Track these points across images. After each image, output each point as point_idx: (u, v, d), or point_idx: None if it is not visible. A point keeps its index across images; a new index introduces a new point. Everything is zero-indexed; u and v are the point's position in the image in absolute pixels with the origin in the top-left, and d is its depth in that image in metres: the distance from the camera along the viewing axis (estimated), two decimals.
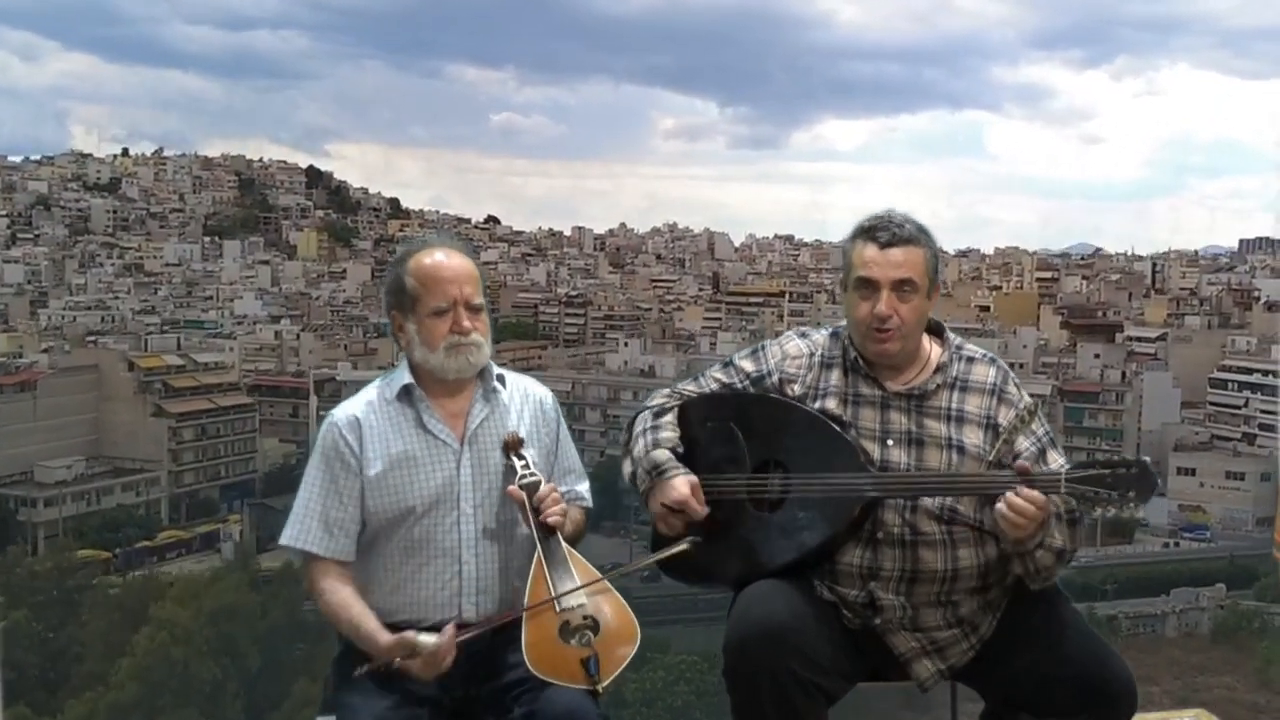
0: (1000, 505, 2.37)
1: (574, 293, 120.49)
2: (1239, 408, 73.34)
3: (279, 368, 78.32)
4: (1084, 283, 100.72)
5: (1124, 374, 73.96)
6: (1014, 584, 2.55)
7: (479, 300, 2.61)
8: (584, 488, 2.80)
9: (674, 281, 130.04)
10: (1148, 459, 2.43)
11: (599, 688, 2.38)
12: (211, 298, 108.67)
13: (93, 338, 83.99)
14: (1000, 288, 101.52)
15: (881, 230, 2.53)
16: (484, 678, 2.52)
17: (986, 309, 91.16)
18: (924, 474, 2.50)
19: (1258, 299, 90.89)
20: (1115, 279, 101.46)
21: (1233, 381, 74.39)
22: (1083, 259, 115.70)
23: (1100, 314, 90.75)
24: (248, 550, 48.54)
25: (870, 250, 2.52)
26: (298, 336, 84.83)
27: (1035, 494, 2.36)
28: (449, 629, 2.38)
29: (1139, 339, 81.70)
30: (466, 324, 2.57)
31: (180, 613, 29.63)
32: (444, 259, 2.61)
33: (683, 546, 2.60)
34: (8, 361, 64.79)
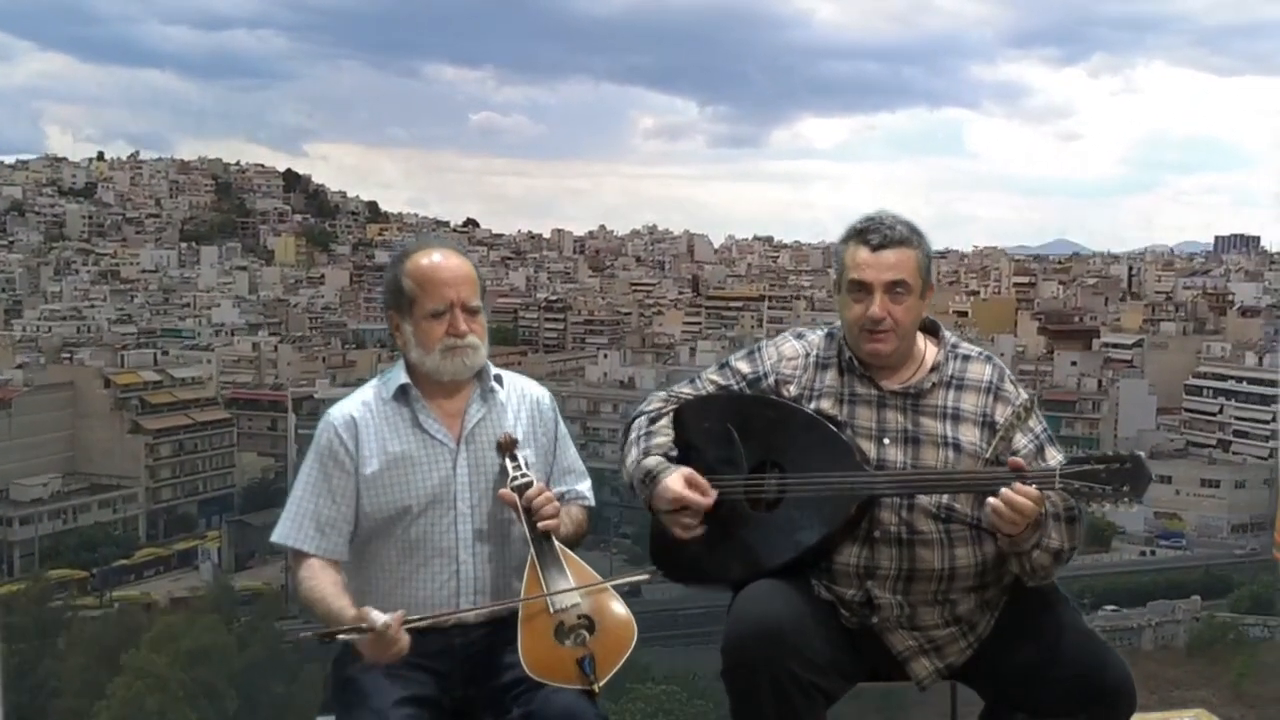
0: (994, 501, 2.35)
1: (554, 297, 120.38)
2: (1214, 414, 73.95)
3: (257, 380, 77.95)
4: (1061, 288, 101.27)
5: (1100, 382, 74.43)
6: (1012, 583, 2.54)
7: (476, 302, 2.61)
8: (585, 486, 2.79)
9: (654, 285, 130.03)
10: (1141, 453, 2.40)
11: (595, 687, 2.37)
12: (189, 305, 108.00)
13: (69, 351, 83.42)
14: (978, 293, 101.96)
15: (873, 232, 2.52)
16: (483, 678, 2.52)
17: (964, 314, 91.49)
18: (920, 472, 2.49)
19: (1232, 303, 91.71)
20: (1092, 283, 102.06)
21: (1208, 388, 75.02)
22: (1059, 262, 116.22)
23: (1077, 319, 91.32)
24: (225, 579, 48.17)
25: (863, 253, 2.52)
26: (275, 349, 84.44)
27: (1030, 490, 2.35)
28: (397, 613, 2.34)
29: (1115, 345, 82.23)
30: (463, 327, 2.57)
31: (155, 659, 29.19)
32: (441, 260, 2.60)
33: (642, 577, 2.63)
34: None
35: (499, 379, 2.69)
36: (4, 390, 61.98)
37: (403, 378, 2.62)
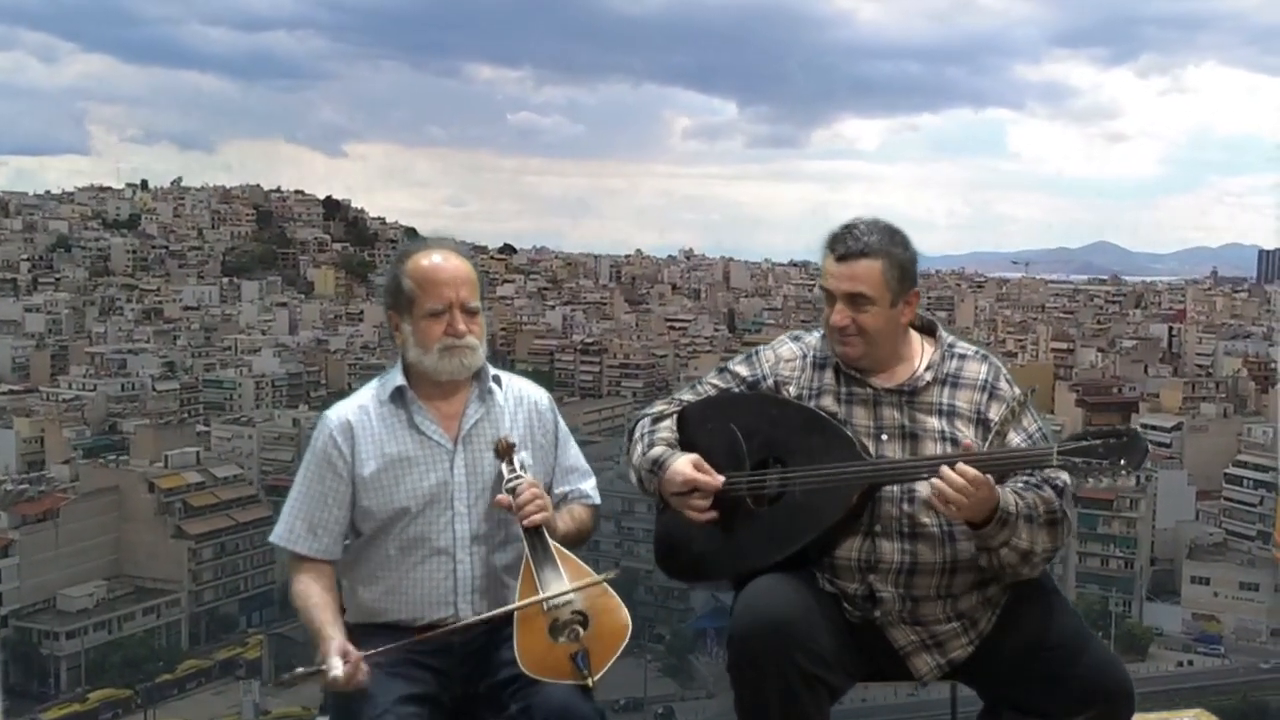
0: (935, 482, 2.39)
1: (589, 339, 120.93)
2: (1254, 505, 73.23)
3: (296, 461, 78.90)
4: (1099, 355, 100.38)
5: (1138, 479, 73.74)
6: (1014, 581, 2.56)
7: (475, 303, 2.64)
8: (589, 485, 2.81)
9: (689, 322, 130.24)
10: (1137, 428, 2.45)
11: (590, 682, 2.41)
12: (230, 349, 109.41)
13: (113, 418, 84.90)
14: (1015, 355, 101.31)
15: (840, 242, 2.57)
16: (482, 675, 2.56)
17: None
18: (919, 459, 2.50)
19: (1276, 374, 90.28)
20: (1131, 346, 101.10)
21: (1248, 479, 74.22)
22: (1099, 318, 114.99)
23: (1115, 389, 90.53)
24: None
25: (829, 261, 2.58)
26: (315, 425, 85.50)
27: (967, 470, 2.37)
28: (354, 658, 2.40)
29: (1154, 428, 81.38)
30: (461, 327, 2.60)
31: None
32: (441, 261, 2.64)
33: (607, 575, 2.59)
34: (30, 487, 65.53)
35: (497, 380, 2.73)
36: (51, 498, 63.18)
37: (399, 380, 2.66)
